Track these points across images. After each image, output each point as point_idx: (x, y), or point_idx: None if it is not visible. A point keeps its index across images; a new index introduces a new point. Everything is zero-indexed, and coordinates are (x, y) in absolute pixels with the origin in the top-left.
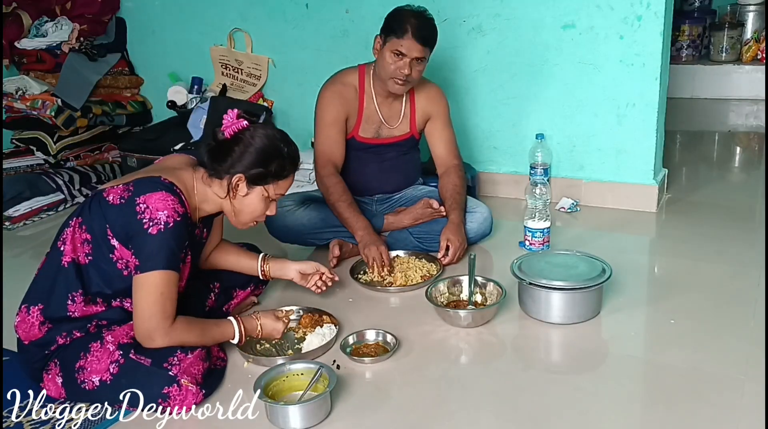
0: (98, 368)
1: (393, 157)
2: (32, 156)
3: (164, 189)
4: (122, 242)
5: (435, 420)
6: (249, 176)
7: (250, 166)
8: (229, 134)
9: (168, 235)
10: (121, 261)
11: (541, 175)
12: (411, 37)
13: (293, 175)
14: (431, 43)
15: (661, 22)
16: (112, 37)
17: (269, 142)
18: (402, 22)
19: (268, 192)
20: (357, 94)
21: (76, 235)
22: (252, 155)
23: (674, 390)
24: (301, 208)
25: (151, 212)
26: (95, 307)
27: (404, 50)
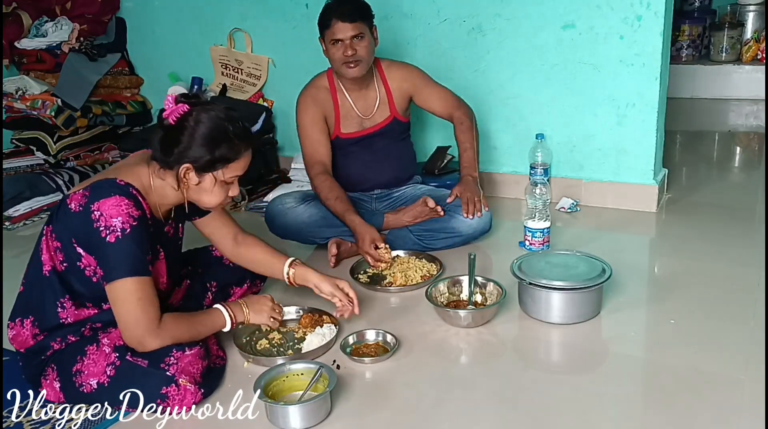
0: (95, 371)
1: (382, 145)
2: (32, 156)
3: (118, 193)
4: (86, 250)
5: (435, 420)
6: (197, 165)
7: (197, 155)
8: (173, 120)
9: (126, 241)
10: (89, 268)
11: (541, 175)
12: (336, 20)
13: (247, 154)
14: (360, 15)
15: (661, 22)
16: (112, 37)
17: (213, 126)
18: (325, 13)
19: (221, 177)
20: (329, 94)
21: (50, 244)
22: (197, 143)
23: (674, 390)
24: (302, 206)
25: (105, 220)
26: (86, 310)
27: (338, 36)
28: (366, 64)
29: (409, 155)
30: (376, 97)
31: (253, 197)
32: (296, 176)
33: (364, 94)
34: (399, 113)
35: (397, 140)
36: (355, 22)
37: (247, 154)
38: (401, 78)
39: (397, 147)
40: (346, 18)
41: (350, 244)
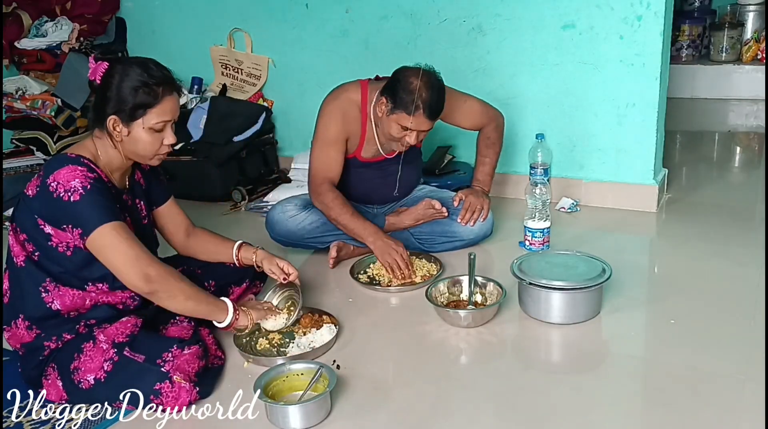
0: (92, 367)
1: (395, 169)
2: (32, 156)
3: (69, 162)
4: (55, 225)
5: (435, 420)
6: (121, 116)
7: (117, 105)
8: (99, 79)
9: (90, 195)
10: (61, 244)
11: (541, 175)
12: (422, 115)
13: (170, 98)
14: (441, 112)
15: (661, 22)
16: (112, 37)
17: (128, 74)
18: (413, 98)
19: (148, 123)
20: (360, 115)
21: (17, 238)
22: (116, 93)
23: (674, 390)
24: (303, 213)
25: (63, 186)
26: (70, 289)
27: (413, 127)
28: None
29: (417, 173)
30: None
31: (253, 197)
32: (296, 176)
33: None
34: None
35: (408, 163)
36: (434, 120)
37: (170, 98)
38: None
39: (407, 170)
40: (432, 116)
41: (351, 248)
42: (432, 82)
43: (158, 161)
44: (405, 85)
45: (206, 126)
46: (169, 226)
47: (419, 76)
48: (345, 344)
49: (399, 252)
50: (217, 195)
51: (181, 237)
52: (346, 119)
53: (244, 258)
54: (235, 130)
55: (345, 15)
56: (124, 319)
